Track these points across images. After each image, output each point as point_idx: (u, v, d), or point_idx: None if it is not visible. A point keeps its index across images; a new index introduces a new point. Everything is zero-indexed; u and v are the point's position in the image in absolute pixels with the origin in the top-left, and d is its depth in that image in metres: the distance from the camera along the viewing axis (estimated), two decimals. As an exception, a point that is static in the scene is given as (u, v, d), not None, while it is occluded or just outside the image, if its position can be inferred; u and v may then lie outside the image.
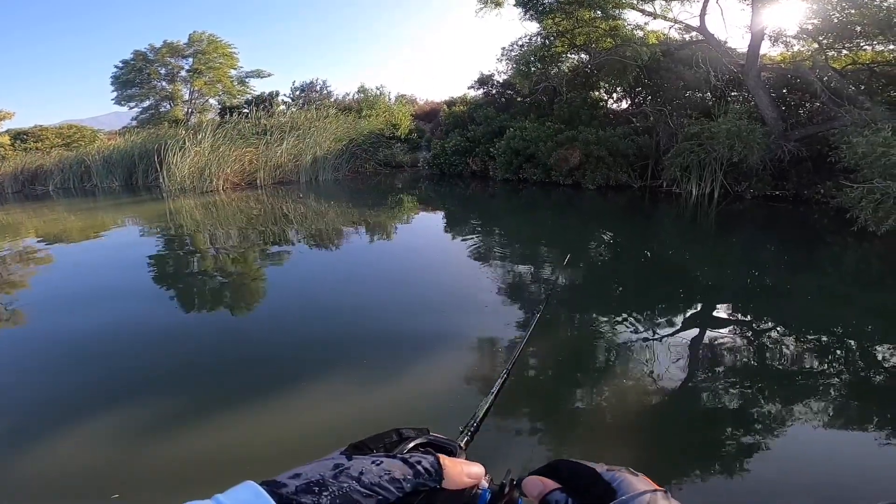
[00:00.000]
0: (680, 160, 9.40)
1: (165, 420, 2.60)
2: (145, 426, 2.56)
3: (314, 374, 3.02)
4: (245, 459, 2.26)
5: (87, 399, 2.86)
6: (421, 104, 22.38)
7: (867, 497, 1.97)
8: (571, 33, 12.12)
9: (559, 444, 2.39)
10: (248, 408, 2.68)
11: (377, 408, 2.64)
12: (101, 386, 3.02)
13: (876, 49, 9.21)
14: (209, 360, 3.35)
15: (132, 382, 3.03)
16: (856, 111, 7.57)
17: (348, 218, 8.78)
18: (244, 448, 2.37)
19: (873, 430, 2.51)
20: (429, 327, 3.67)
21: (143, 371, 3.16)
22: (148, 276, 5.46)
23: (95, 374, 3.18)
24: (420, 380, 2.94)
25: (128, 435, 2.49)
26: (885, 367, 3.13)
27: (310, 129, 13.96)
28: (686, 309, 4.11)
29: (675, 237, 7.22)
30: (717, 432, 2.44)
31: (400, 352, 3.27)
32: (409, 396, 2.77)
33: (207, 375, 3.10)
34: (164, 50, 20.56)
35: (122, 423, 2.60)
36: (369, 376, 2.96)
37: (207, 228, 8.05)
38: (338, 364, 3.14)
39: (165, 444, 2.39)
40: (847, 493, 2.04)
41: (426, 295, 4.49)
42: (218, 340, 3.70)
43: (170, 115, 20.62)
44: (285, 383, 2.92)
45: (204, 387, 2.97)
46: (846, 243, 6.06)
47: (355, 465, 0.41)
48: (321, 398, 2.76)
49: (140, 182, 14.38)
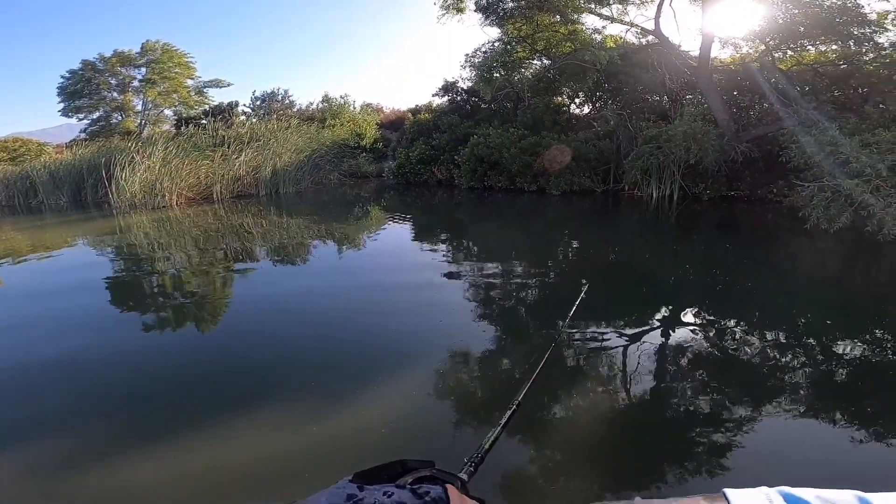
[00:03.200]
0: (640, 163, 9.53)
1: (124, 446, 2.39)
2: (102, 453, 2.34)
3: (286, 397, 2.79)
4: (213, 485, 2.07)
5: (28, 430, 2.60)
6: (387, 112, 22.22)
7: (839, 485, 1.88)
8: (532, 38, 12.23)
9: (568, 480, 2.19)
10: (213, 431, 2.47)
11: (364, 436, 2.44)
12: (45, 415, 2.75)
13: (819, 49, 9.61)
14: (165, 384, 3.06)
15: (86, 408, 2.77)
16: (802, 111, 7.83)
17: (311, 232, 8.47)
18: (210, 474, 2.17)
19: (839, 421, 2.49)
20: (396, 347, 3.48)
21: (103, 395, 2.87)
22: (96, 298, 5.05)
23: (42, 403, 2.89)
24: (411, 409, 2.71)
25: (81, 463, 2.25)
26: (845, 360, 3.15)
27: (270, 140, 13.56)
28: (680, 322, 4.05)
29: (645, 242, 7.23)
30: (735, 454, 2.32)
31: (371, 376, 3.04)
32: (398, 426, 2.55)
33: (165, 400, 2.83)
34: (113, 59, 19.72)
35: (69, 454, 2.35)
36: (355, 401, 2.72)
37: (161, 246, 7.60)
38: (320, 387, 2.91)
39: (124, 471, 2.17)
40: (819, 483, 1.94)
41: (396, 313, 4.26)
42: (176, 363, 3.43)
43: (121, 127, 19.75)
44: (253, 405, 2.69)
45: (161, 412, 2.73)
46: (800, 242, 6.20)
47: (368, 497, 0.42)
48: (291, 422, 2.52)
49: (89, 198, 13.61)
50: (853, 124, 7.02)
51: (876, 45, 8.58)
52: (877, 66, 8.63)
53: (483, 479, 0.64)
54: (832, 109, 8.00)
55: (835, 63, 9.24)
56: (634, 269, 5.59)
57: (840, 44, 9.00)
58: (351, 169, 15.94)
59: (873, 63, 8.70)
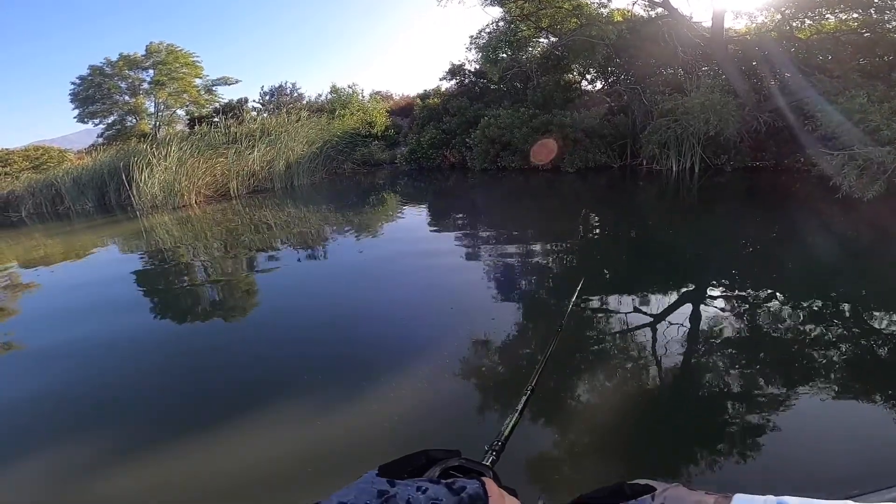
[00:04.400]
0: (657, 137, 9.35)
1: (162, 438, 2.49)
2: (138, 443, 2.46)
3: (310, 391, 2.86)
4: (241, 484, 2.13)
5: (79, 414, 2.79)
6: (397, 99, 22.06)
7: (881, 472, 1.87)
8: (536, 15, 11.95)
9: (591, 463, 2.20)
10: (251, 424, 2.56)
11: (380, 427, 2.48)
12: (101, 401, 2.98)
13: (839, 18, 9.20)
14: (198, 381, 3.17)
15: (128, 397, 2.93)
16: (826, 80, 7.55)
17: (328, 223, 8.55)
18: (239, 470, 2.22)
19: (879, 400, 2.43)
20: (426, 336, 3.53)
21: (141, 387, 3.00)
22: (132, 298, 5.24)
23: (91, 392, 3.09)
24: (427, 397, 2.76)
25: (114, 456, 2.35)
26: (884, 335, 3.08)
27: (281, 133, 13.60)
28: (704, 299, 4.01)
29: (666, 216, 7.10)
30: (751, 426, 2.31)
31: (395, 367, 3.09)
32: (413, 415, 2.60)
33: (199, 397, 2.93)
34: (120, 63, 19.86)
35: (114, 441, 2.47)
36: (371, 392, 2.79)
37: (185, 245, 7.76)
38: (337, 377, 2.99)
39: (151, 467, 2.25)
40: (864, 469, 1.94)
41: (422, 302, 4.31)
42: (208, 354, 3.57)
43: (136, 130, 19.99)
44: (271, 401, 2.76)
45: (196, 408, 2.82)
46: (832, 211, 6.02)
47: (401, 493, 0.40)
48: (321, 414, 2.60)
49: (113, 201, 13.89)
50: (881, 92, 6.75)
51: (899, 13, 8.18)
52: (902, 34, 8.24)
53: (503, 465, 0.66)
54: (858, 77, 7.69)
55: (857, 31, 8.85)
56: (657, 245, 5.52)
57: (861, 11, 8.61)
58: (364, 157, 15.92)
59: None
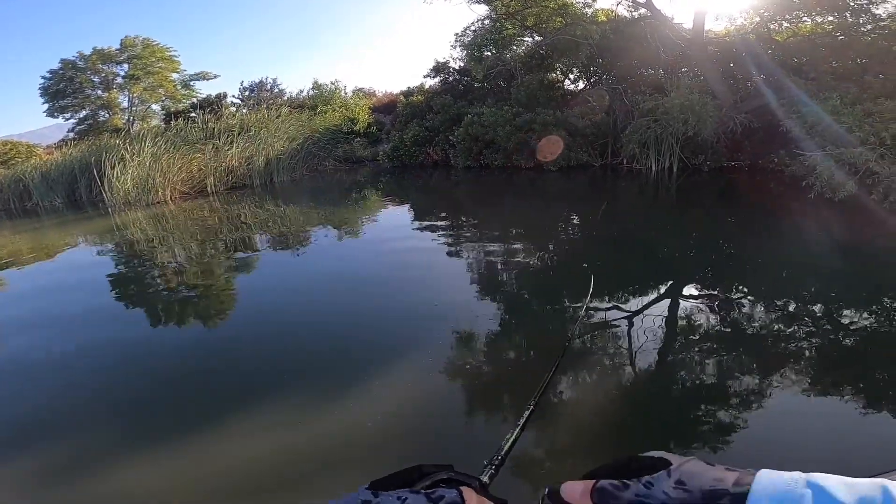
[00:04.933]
0: (637, 136, 9.43)
1: (136, 444, 2.41)
2: (101, 455, 2.34)
3: (291, 394, 2.77)
4: (217, 491, 2.05)
5: (32, 431, 2.64)
6: (380, 96, 21.89)
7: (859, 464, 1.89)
8: (521, 14, 11.97)
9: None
10: (217, 430, 2.46)
11: (364, 430, 2.40)
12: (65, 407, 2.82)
13: (815, 21, 9.42)
14: (170, 383, 3.05)
15: (84, 409, 2.77)
16: (801, 81, 7.71)
17: (308, 220, 8.40)
18: (216, 477, 2.14)
19: (850, 393, 2.51)
20: (411, 337, 3.46)
21: (111, 390, 2.87)
22: (98, 300, 5.04)
23: (52, 396, 2.95)
24: (410, 399, 2.68)
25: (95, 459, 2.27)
26: (853, 331, 3.15)
27: (261, 129, 13.34)
28: (691, 299, 4.03)
29: (650, 215, 7.13)
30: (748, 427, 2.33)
31: (380, 368, 3.00)
32: (398, 418, 2.52)
33: (171, 399, 2.83)
34: (93, 57, 19.28)
35: (68, 455, 2.35)
36: (356, 394, 2.70)
37: (158, 242, 7.53)
38: (319, 380, 2.89)
39: (119, 474, 2.14)
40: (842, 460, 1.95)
41: (406, 301, 4.22)
42: (177, 362, 3.42)
43: (109, 125, 19.41)
44: (252, 404, 2.67)
45: (170, 410, 2.73)
46: (805, 211, 6.13)
47: (383, 502, 0.42)
48: (301, 419, 2.51)
49: (84, 197, 13.47)
50: (854, 94, 6.92)
51: (873, 17, 8.42)
52: (875, 37, 8.49)
53: (503, 480, 0.63)
54: (831, 80, 7.88)
55: (832, 34, 9.07)
56: (639, 245, 5.55)
57: (836, 15, 8.83)
58: (346, 154, 15.75)
59: (871, 34, 8.54)
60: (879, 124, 5.51)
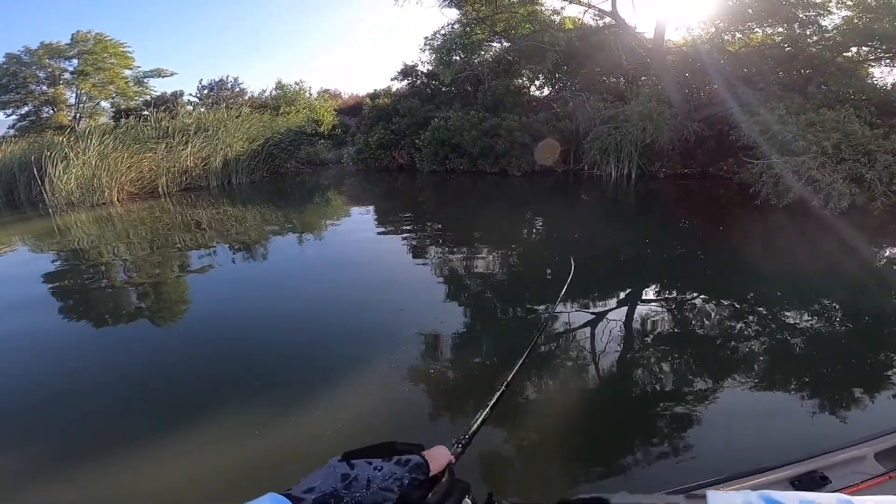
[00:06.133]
0: (598, 143, 9.61)
1: (87, 452, 2.32)
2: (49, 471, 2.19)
3: (250, 398, 2.63)
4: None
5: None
6: (346, 98, 21.57)
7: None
8: (491, 19, 12.04)
9: (554, 465, 2.19)
10: (179, 437, 2.34)
11: (330, 432, 2.33)
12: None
13: (766, 32, 9.87)
14: (123, 394, 2.87)
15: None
16: (750, 91, 8.04)
17: (266, 224, 8.11)
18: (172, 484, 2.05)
19: (795, 389, 2.61)
20: (374, 338, 3.35)
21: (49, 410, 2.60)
22: (44, 302, 4.69)
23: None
24: (376, 401, 2.62)
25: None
26: (797, 330, 3.27)
27: (219, 129, 12.84)
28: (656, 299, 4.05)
29: (609, 220, 7.26)
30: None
31: (345, 371, 2.90)
32: (364, 418, 2.47)
33: (130, 409, 2.67)
34: (41, 52, 18.14)
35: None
36: (320, 397, 2.58)
37: (104, 247, 7.07)
38: (277, 384, 2.78)
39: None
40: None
41: (370, 303, 4.09)
42: (131, 364, 3.29)
43: (53, 122, 18.29)
44: (217, 408, 2.56)
45: (119, 419, 2.60)
46: (752, 217, 6.37)
47: (361, 473, 0.46)
48: (264, 422, 2.35)
49: (23, 197, 12.57)
50: (798, 104, 7.26)
51: (820, 28, 8.84)
52: (819, 49, 8.92)
53: (468, 460, 0.70)
54: (778, 90, 8.25)
55: (780, 46, 9.51)
56: (599, 248, 5.61)
57: (786, 26, 9.25)
58: (309, 156, 15.37)
59: (816, 45, 8.99)
60: (821, 133, 5.78)
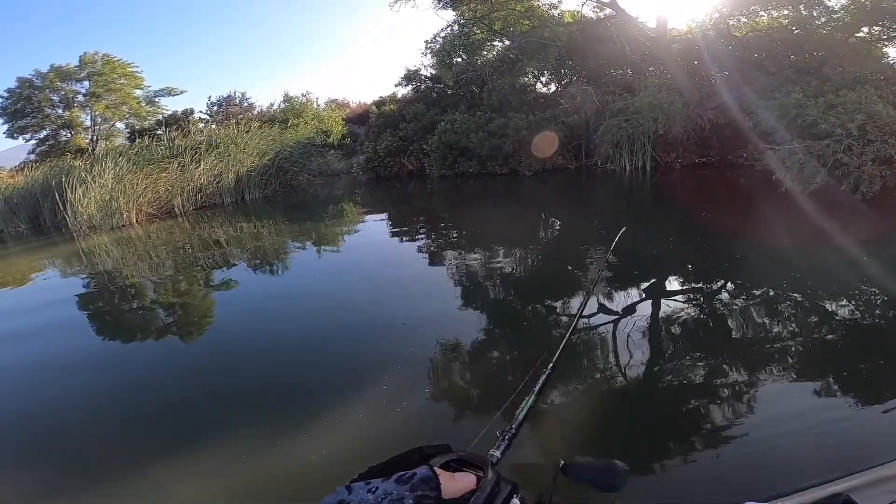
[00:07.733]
0: (609, 137, 9.46)
1: (98, 471, 2.34)
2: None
3: (266, 418, 2.62)
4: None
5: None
6: (353, 107, 21.69)
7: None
8: (489, 18, 11.97)
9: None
10: (203, 454, 2.28)
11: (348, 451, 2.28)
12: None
13: (772, 15, 9.61)
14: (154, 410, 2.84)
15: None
16: (762, 77, 7.82)
17: (282, 238, 8.15)
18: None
19: (845, 392, 2.43)
20: (385, 354, 3.32)
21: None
22: (69, 325, 4.80)
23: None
24: (396, 417, 2.58)
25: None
26: (834, 322, 3.14)
27: (230, 145, 12.98)
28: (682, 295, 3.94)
29: (627, 214, 7.12)
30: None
31: (363, 387, 2.87)
32: (383, 436, 2.42)
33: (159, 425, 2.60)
34: (51, 74, 18.63)
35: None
36: (338, 414, 2.54)
37: (125, 267, 7.18)
38: (292, 403, 2.76)
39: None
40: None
41: (388, 317, 4.05)
42: (151, 383, 3.29)
43: (71, 145, 18.74)
44: (244, 424, 2.54)
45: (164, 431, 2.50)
46: (777, 205, 6.15)
47: (354, 498, 0.45)
48: (281, 441, 2.33)
49: (48, 222, 12.87)
50: (815, 87, 7.03)
51: (826, 9, 8.59)
52: (830, 30, 8.66)
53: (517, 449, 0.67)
54: (792, 74, 8.02)
55: (788, 28, 9.25)
56: (620, 245, 5.47)
57: (791, 8, 9.00)
58: (320, 168, 15.48)
59: (826, 27, 8.73)
60: (844, 115, 5.57)
